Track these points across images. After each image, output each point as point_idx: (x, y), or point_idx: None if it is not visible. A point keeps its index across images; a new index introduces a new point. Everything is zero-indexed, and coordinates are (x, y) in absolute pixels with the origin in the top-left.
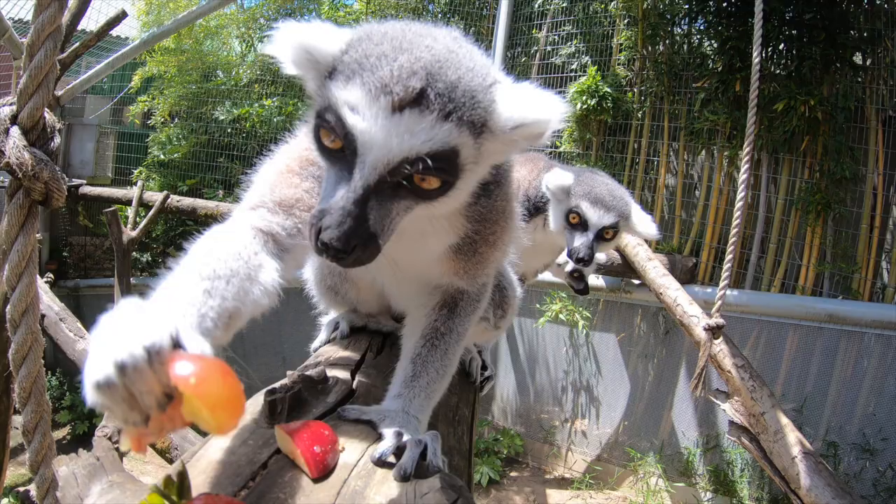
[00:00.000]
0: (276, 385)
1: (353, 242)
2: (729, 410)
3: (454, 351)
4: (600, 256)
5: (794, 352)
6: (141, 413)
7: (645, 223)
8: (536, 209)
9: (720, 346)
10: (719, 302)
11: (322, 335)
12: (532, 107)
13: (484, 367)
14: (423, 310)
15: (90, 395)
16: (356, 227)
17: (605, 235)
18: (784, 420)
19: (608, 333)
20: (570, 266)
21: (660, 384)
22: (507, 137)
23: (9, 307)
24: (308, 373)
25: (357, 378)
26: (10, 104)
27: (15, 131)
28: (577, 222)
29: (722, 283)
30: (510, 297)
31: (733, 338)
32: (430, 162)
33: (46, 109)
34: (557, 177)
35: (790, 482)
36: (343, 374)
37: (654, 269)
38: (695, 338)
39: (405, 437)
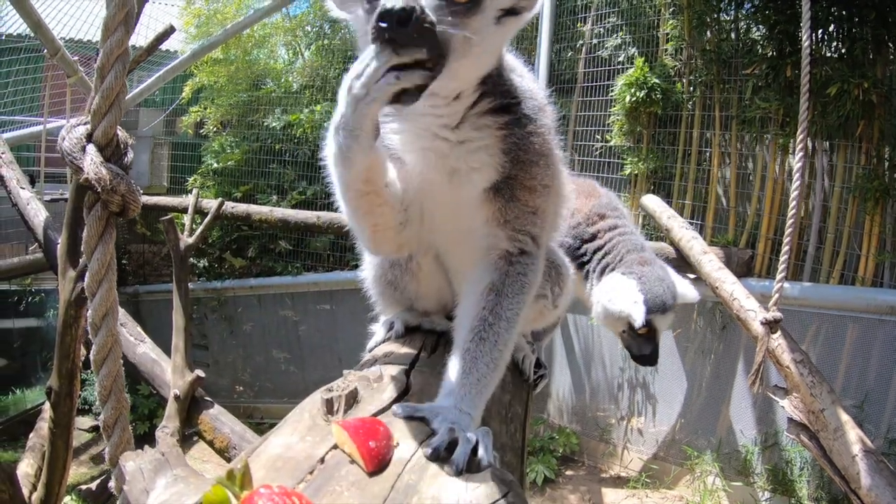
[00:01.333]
0: (333, 384)
1: (415, 10)
2: (788, 407)
3: (505, 340)
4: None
5: (855, 346)
6: None
7: (686, 289)
8: (577, 260)
9: (778, 341)
10: (776, 295)
11: (378, 335)
12: None
13: (538, 365)
14: (473, 297)
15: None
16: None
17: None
18: (844, 417)
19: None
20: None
21: (717, 380)
22: None
23: (90, 312)
24: (363, 372)
25: (411, 376)
26: (85, 123)
27: (91, 149)
28: (644, 332)
29: (779, 276)
30: (564, 274)
31: (791, 332)
32: None
33: (119, 126)
34: (626, 304)
35: (850, 481)
36: (397, 373)
37: (710, 262)
38: (752, 332)
39: (457, 433)
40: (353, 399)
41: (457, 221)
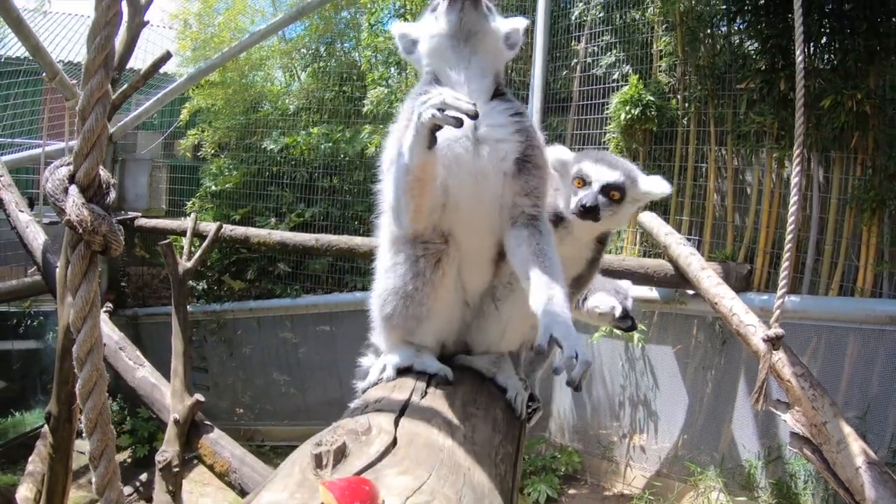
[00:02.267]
0: (322, 437)
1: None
2: (790, 421)
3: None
4: (629, 304)
5: (856, 357)
6: None
7: (655, 182)
8: (558, 218)
9: (779, 356)
10: (777, 312)
11: (371, 376)
12: None
13: (531, 399)
14: (521, 249)
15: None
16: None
17: (611, 196)
18: (847, 429)
19: (664, 346)
20: (618, 311)
21: (718, 395)
22: None
23: (75, 347)
24: (352, 423)
25: (400, 425)
26: (67, 164)
27: (73, 190)
28: (581, 185)
29: (780, 292)
30: None
31: (792, 345)
32: None
33: (101, 167)
34: (557, 151)
35: (855, 494)
36: (387, 423)
37: (709, 278)
38: (752, 347)
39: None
40: (341, 454)
41: (483, 196)
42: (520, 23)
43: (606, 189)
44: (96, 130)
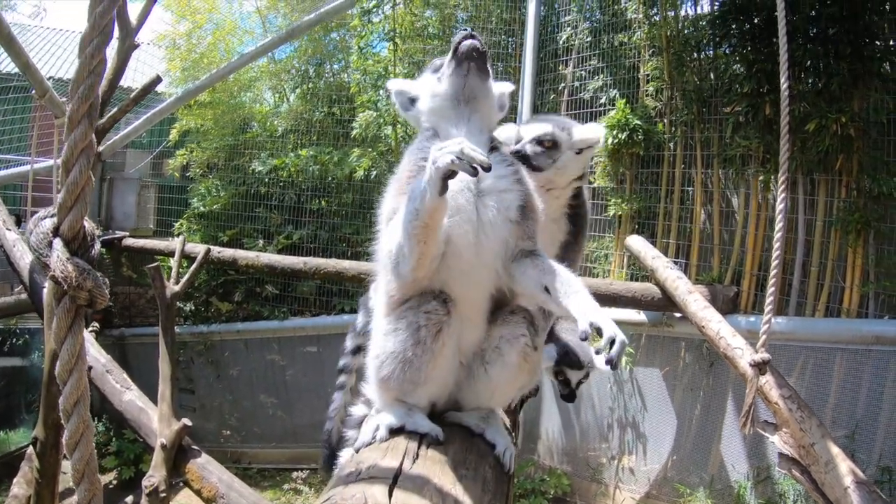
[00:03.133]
0: None
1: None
2: (778, 442)
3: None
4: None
5: (843, 377)
6: None
7: (588, 128)
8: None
9: (766, 378)
10: (763, 337)
11: (364, 436)
12: None
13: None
14: (527, 275)
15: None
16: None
17: (544, 143)
18: (835, 450)
19: (652, 368)
20: (550, 363)
21: (707, 417)
22: None
23: (62, 399)
24: (348, 497)
25: (395, 495)
26: (52, 216)
27: (58, 243)
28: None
29: (766, 317)
30: (539, 326)
31: (779, 366)
32: None
33: (86, 219)
34: (507, 130)
35: None
36: (381, 493)
37: (696, 302)
38: (739, 370)
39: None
40: None
41: (483, 242)
42: (507, 87)
43: (538, 141)
44: (80, 182)
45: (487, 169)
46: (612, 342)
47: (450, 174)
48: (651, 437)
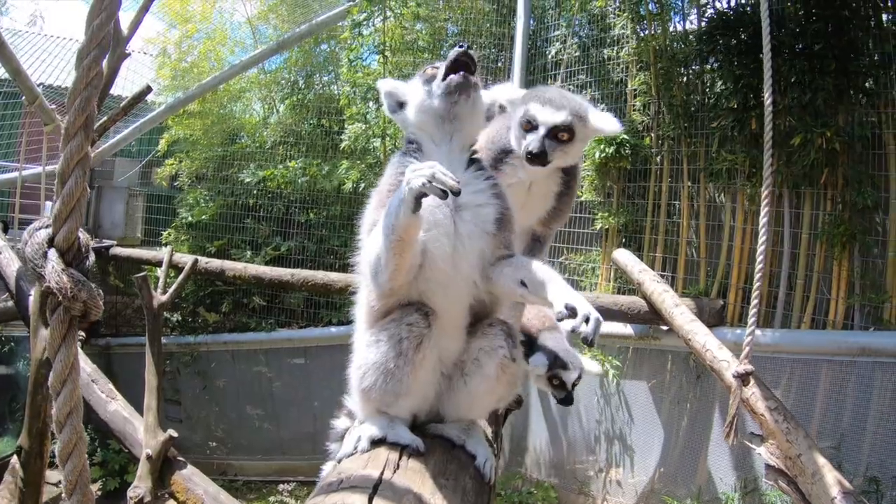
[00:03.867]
0: None
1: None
2: (764, 454)
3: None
4: (586, 363)
5: (829, 388)
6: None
7: (605, 119)
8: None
9: (752, 390)
10: (747, 349)
11: (346, 447)
12: None
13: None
14: (505, 272)
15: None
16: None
17: (559, 137)
18: (821, 461)
19: (639, 381)
20: (543, 370)
21: (694, 429)
22: None
23: (54, 410)
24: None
25: (375, 502)
26: (47, 227)
27: (53, 254)
28: (529, 128)
29: (749, 329)
30: (517, 338)
31: (765, 378)
32: None
33: (80, 230)
34: (505, 90)
35: None
36: (361, 501)
37: (682, 315)
38: (726, 383)
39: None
40: None
41: (460, 254)
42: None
43: (554, 131)
44: (76, 194)
45: (457, 193)
46: (587, 319)
47: (423, 195)
48: (638, 450)
